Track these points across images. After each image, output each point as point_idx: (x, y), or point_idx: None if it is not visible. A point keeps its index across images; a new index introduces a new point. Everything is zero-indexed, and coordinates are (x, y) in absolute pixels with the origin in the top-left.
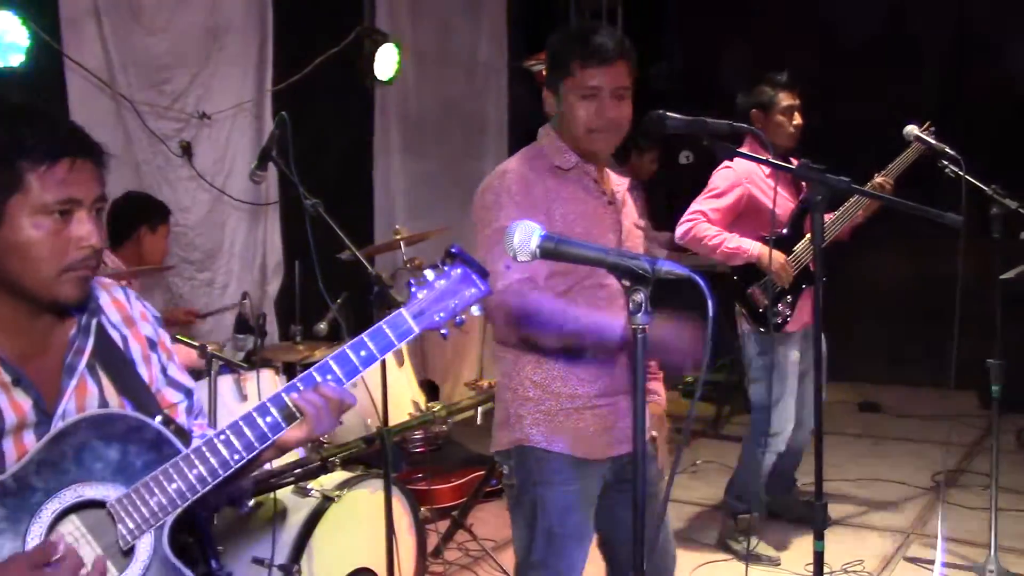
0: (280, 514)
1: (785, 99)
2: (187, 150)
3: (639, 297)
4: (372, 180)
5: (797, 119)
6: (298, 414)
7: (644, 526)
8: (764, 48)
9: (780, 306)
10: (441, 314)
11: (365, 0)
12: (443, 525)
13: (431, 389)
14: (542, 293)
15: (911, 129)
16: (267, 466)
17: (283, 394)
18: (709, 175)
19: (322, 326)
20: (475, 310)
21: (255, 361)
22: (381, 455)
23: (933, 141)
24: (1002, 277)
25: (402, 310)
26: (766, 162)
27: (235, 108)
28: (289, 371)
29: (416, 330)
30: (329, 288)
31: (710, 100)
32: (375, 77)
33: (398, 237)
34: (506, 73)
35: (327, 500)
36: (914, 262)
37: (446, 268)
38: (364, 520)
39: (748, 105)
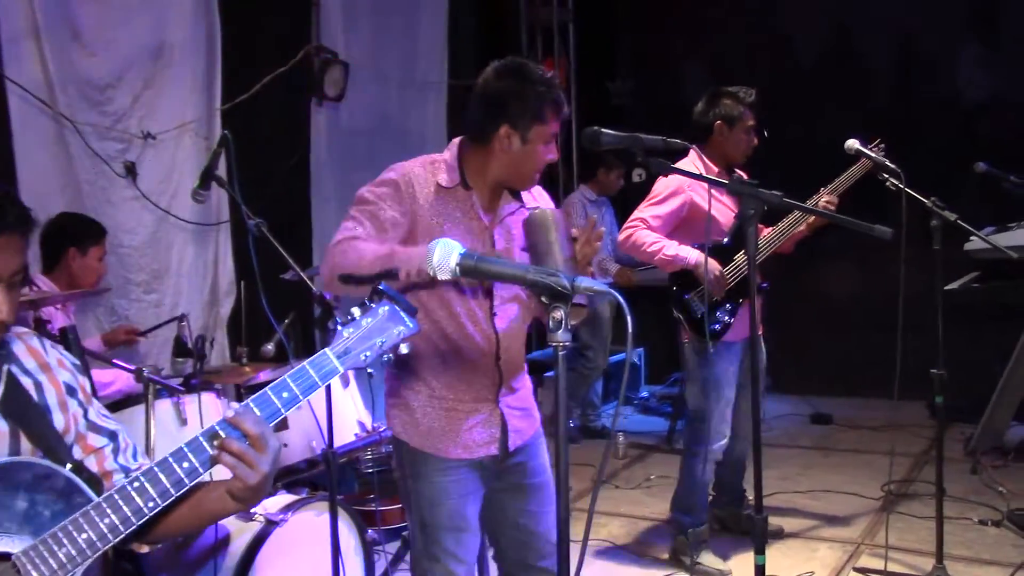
0: (222, 539)
1: (750, 119)
2: (131, 170)
3: (559, 314)
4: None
5: (755, 139)
6: (217, 455)
7: (567, 542)
8: (718, 64)
9: (718, 314)
10: (367, 353)
11: (313, 18)
12: (395, 546)
13: None
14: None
15: (852, 143)
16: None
17: (200, 437)
18: None
19: (269, 347)
20: (404, 348)
21: (195, 385)
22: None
23: (874, 154)
24: (947, 288)
25: (326, 350)
26: (699, 177)
27: (180, 128)
28: (237, 393)
29: (340, 370)
30: (277, 309)
31: (666, 115)
32: (324, 95)
33: None
34: (445, 90)
35: (271, 524)
36: (864, 274)
37: (373, 306)
38: (309, 544)
39: (714, 116)
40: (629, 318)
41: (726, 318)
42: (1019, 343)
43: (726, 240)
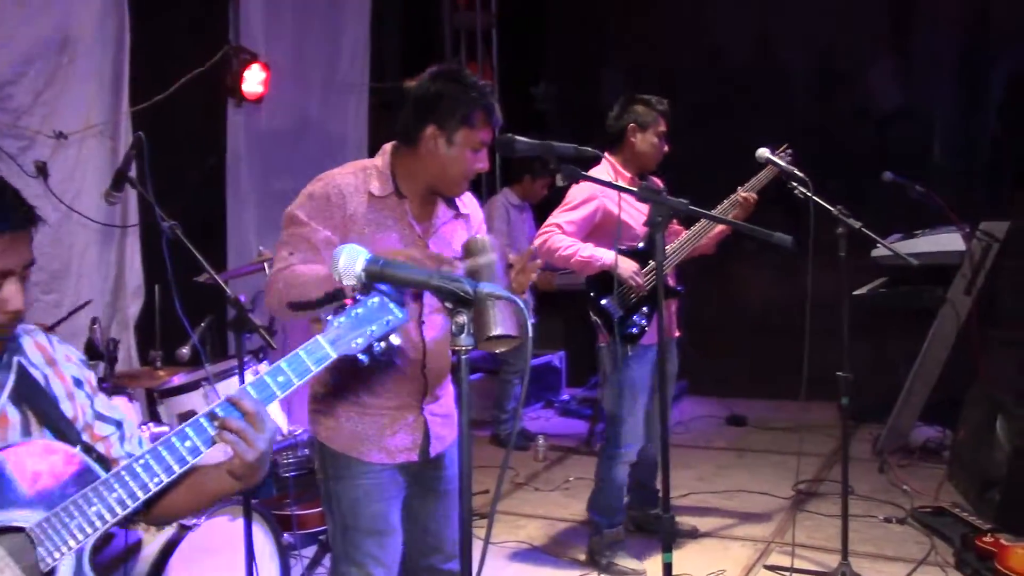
0: (133, 545)
1: (662, 124)
2: (42, 170)
3: (462, 319)
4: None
5: (666, 146)
6: (218, 435)
7: (470, 532)
8: (641, 71)
9: (635, 317)
10: (359, 340)
11: (231, 18)
12: (311, 551)
13: None
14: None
15: (763, 151)
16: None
17: (201, 418)
18: None
19: (184, 350)
20: (395, 339)
21: (106, 388)
22: None
23: (783, 163)
24: (855, 293)
25: (319, 337)
26: (608, 184)
27: (87, 127)
28: (149, 397)
29: (333, 355)
30: (192, 312)
31: (589, 122)
32: (243, 96)
33: (261, 259)
34: (367, 92)
35: (183, 529)
36: (779, 279)
37: (362, 298)
38: (223, 549)
39: (627, 120)
40: (530, 322)
41: (643, 321)
42: (924, 346)
43: (641, 244)
